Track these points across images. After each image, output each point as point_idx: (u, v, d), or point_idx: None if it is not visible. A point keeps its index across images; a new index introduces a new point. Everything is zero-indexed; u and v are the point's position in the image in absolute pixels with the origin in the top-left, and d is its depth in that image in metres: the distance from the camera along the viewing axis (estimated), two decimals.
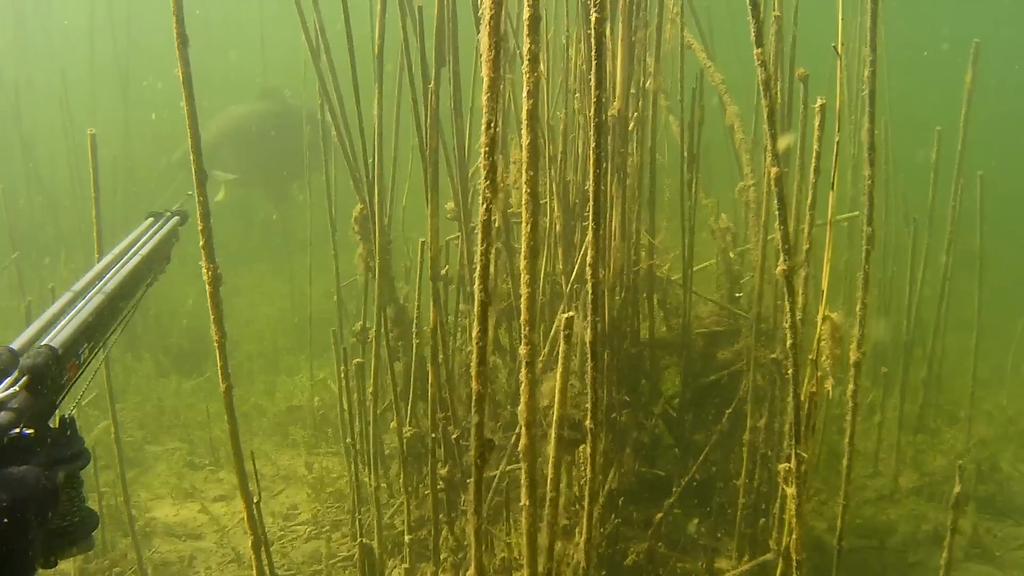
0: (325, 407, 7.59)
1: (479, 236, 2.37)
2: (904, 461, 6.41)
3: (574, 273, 4.63)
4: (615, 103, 4.63)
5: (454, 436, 4.60)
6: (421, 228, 4.58)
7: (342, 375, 5.07)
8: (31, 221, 10.36)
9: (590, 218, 2.62)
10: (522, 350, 2.51)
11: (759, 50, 3.03)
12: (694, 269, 5.13)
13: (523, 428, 2.57)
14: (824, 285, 3.32)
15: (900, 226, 6.97)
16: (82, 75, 10.92)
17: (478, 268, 2.38)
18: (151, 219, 3.10)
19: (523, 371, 2.52)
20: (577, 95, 4.94)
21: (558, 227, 4.82)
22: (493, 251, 2.58)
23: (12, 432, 1.86)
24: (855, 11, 6.26)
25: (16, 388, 1.96)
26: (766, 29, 4.51)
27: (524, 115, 2.36)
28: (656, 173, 5.01)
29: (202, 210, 3.34)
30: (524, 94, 2.34)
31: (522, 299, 2.47)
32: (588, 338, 2.80)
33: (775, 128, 3.09)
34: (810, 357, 3.32)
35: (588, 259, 2.67)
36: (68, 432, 2.03)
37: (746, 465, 4.56)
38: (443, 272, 4.68)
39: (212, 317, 3.39)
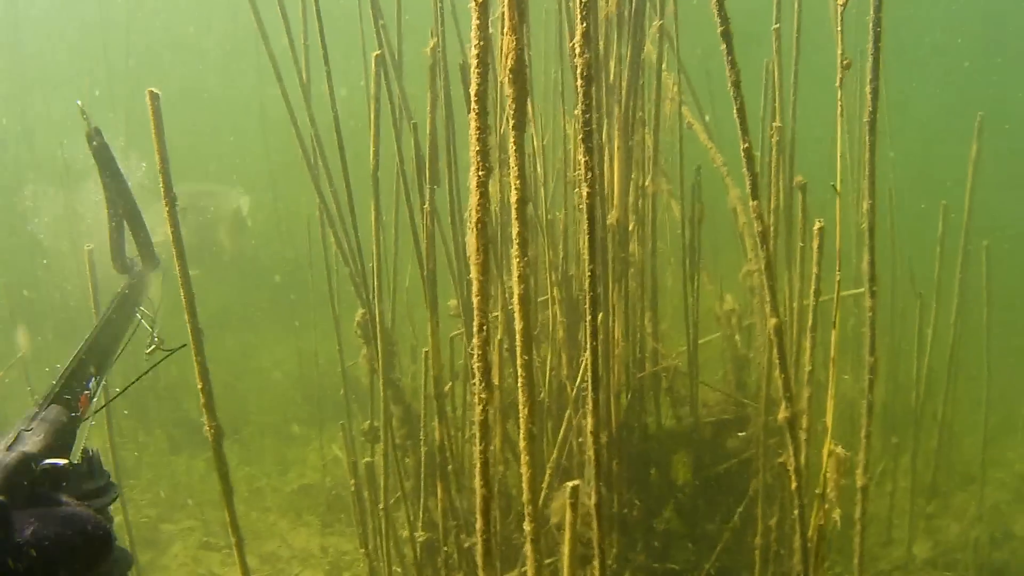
0: (337, 486, 7.58)
1: (477, 434, 2.37)
2: (917, 528, 6.37)
3: (579, 377, 4.63)
4: (613, 212, 4.62)
5: (467, 544, 4.61)
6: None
7: (352, 483, 5.06)
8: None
9: (589, 394, 2.60)
10: (527, 526, 2.51)
11: (755, 203, 3.03)
12: (699, 343, 5.11)
13: None
14: (828, 418, 3.31)
15: (908, 297, 6.90)
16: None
17: (478, 464, 2.39)
18: None
19: (528, 547, 2.53)
20: (577, 190, 4.92)
21: (561, 332, 4.81)
22: (491, 447, 2.58)
23: (45, 463, 1.84)
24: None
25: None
26: (765, 180, 4.49)
27: (516, 300, 2.34)
28: (658, 269, 4.98)
29: (200, 369, 3.34)
30: (515, 278, 2.30)
31: (523, 479, 2.47)
32: (592, 502, 2.79)
33: (773, 280, 3.09)
34: (816, 491, 3.31)
35: (589, 426, 2.66)
36: (92, 466, 2.04)
37: (759, 566, 4.54)
38: (447, 389, 4.68)
39: (219, 478, 3.37)
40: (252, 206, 11.99)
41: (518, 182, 2.20)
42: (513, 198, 2.22)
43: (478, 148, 2.14)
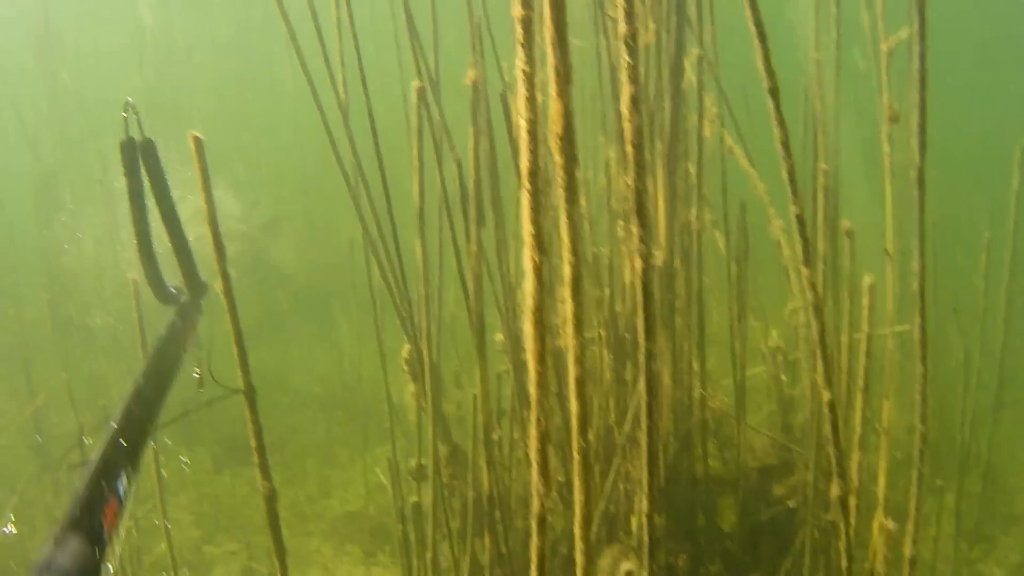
0: (381, 514, 7.60)
1: (533, 527, 2.38)
2: (961, 575, 6.32)
3: (627, 421, 4.61)
4: (660, 252, 4.60)
5: None
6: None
7: (400, 528, 5.06)
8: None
9: (643, 473, 2.61)
10: None
11: (807, 271, 3.03)
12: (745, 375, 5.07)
13: None
14: (880, 491, 3.31)
15: (948, 322, 6.81)
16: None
17: (534, 559, 2.39)
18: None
19: None
20: (621, 223, 4.88)
21: (608, 375, 4.81)
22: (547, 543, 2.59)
23: None
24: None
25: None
26: (817, 248, 4.44)
27: (572, 382, 2.30)
28: (704, 308, 4.93)
29: (254, 428, 3.35)
30: (570, 360, 2.25)
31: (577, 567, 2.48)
32: None
33: (826, 350, 3.08)
34: (866, 565, 3.31)
35: (644, 508, 2.67)
36: None
37: None
38: (495, 437, 4.69)
39: (272, 540, 3.41)
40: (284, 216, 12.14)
41: (571, 257, 2.02)
42: (567, 274, 2.04)
43: (532, 230, 1.96)
